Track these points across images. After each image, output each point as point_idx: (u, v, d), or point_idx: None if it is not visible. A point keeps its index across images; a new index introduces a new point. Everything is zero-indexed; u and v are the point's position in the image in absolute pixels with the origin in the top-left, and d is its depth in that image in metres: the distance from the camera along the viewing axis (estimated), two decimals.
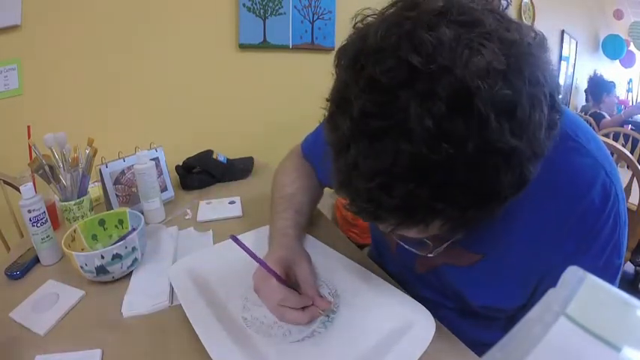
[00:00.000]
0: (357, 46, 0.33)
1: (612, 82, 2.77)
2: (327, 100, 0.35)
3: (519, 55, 0.30)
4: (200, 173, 1.12)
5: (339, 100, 0.34)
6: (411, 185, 0.30)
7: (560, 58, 3.17)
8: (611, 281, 0.44)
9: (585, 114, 2.72)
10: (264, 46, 1.51)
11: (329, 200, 1.86)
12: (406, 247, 0.47)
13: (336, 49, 0.36)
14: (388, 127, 0.29)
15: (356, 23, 0.36)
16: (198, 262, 0.62)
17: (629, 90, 4.36)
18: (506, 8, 0.35)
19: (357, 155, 0.31)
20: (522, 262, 0.46)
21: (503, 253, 0.47)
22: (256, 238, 0.69)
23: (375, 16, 0.35)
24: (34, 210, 0.65)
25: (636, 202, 1.21)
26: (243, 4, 1.43)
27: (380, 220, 0.35)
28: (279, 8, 1.51)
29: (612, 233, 0.43)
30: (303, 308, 0.50)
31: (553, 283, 0.18)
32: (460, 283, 0.53)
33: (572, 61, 3.40)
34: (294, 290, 0.52)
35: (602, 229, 0.42)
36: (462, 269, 0.51)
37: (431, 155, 0.28)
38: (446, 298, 0.58)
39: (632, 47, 3.87)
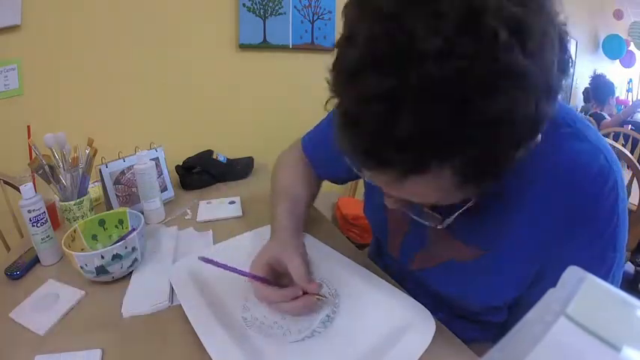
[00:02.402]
0: None
1: (612, 82, 2.76)
2: (336, 46, 0.34)
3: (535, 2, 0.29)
4: (200, 173, 1.12)
5: (345, 38, 0.32)
6: (421, 108, 0.28)
7: None
8: (605, 275, 0.43)
9: (585, 114, 2.71)
10: (264, 46, 1.51)
11: (329, 200, 1.86)
12: (414, 217, 0.45)
13: (336, 49, 0.35)
14: (396, 51, 0.28)
15: None
16: (199, 263, 0.62)
17: (629, 90, 4.35)
18: None
19: (365, 82, 0.30)
20: (523, 254, 0.45)
21: (506, 246, 0.46)
22: (260, 237, 0.70)
23: None
24: (34, 210, 0.65)
25: (636, 202, 1.21)
26: (243, 4, 1.43)
27: (386, 164, 0.32)
28: (279, 8, 1.50)
29: (609, 220, 0.41)
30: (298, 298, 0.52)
31: (550, 276, 0.18)
32: (456, 279, 0.53)
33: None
34: (280, 285, 0.54)
35: (598, 215, 0.41)
36: (465, 265, 0.50)
37: (440, 73, 0.27)
38: (437, 303, 0.56)
39: (632, 47, 3.86)
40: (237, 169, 1.19)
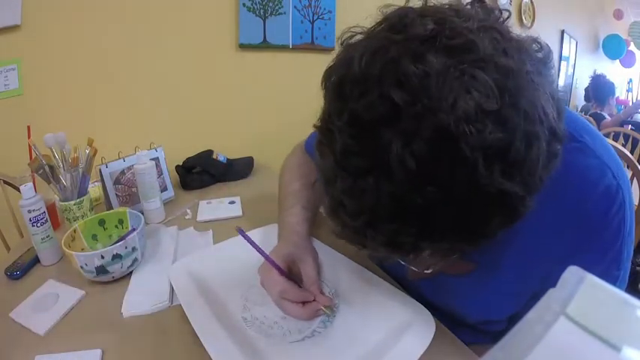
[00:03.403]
0: (341, 71, 0.31)
1: (612, 82, 2.76)
2: (315, 126, 0.34)
3: (516, 88, 0.27)
4: (200, 173, 1.12)
5: (324, 130, 0.32)
6: (395, 225, 0.29)
7: (560, 58, 3.17)
8: None
9: (585, 114, 2.71)
10: (264, 46, 1.51)
11: None
12: (402, 262, 0.46)
13: (336, 49, 0.35)
14: (370, 166, 0.28)
15: (343, 41, 0.34)
16: (198, 262, 0.62)
17: (629, 90, 4.36)
18: (507, 19, 0.33)
19: (342, 192, 0.30)
20: (518, 270, 0.44)
21: (499, 261, 0.45)
22: (260, 237, 0.69)
23: (362, 35, 0.33)
24: (34, 210, 0.65)
25: (636, 202, 1.21)
26: (243, 4, 1.42)
27: (369, 250, 0.35)
28: (279, 8, 1.50)
29: (614, 241, 0.40)
30: (305, 304, 0.51)
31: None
32: (452, 293, 0.52)
33: (572, 61, 3.39)
34: (296, 284, 0.54)
35: (602, 235, 0.39)
36: (460, 280, 0.49)
37: (414, 197, 0.27)
38: (436, 310, 0.56)
39: (632, 47, 3.87)
40: (237, 169, 1.19)
